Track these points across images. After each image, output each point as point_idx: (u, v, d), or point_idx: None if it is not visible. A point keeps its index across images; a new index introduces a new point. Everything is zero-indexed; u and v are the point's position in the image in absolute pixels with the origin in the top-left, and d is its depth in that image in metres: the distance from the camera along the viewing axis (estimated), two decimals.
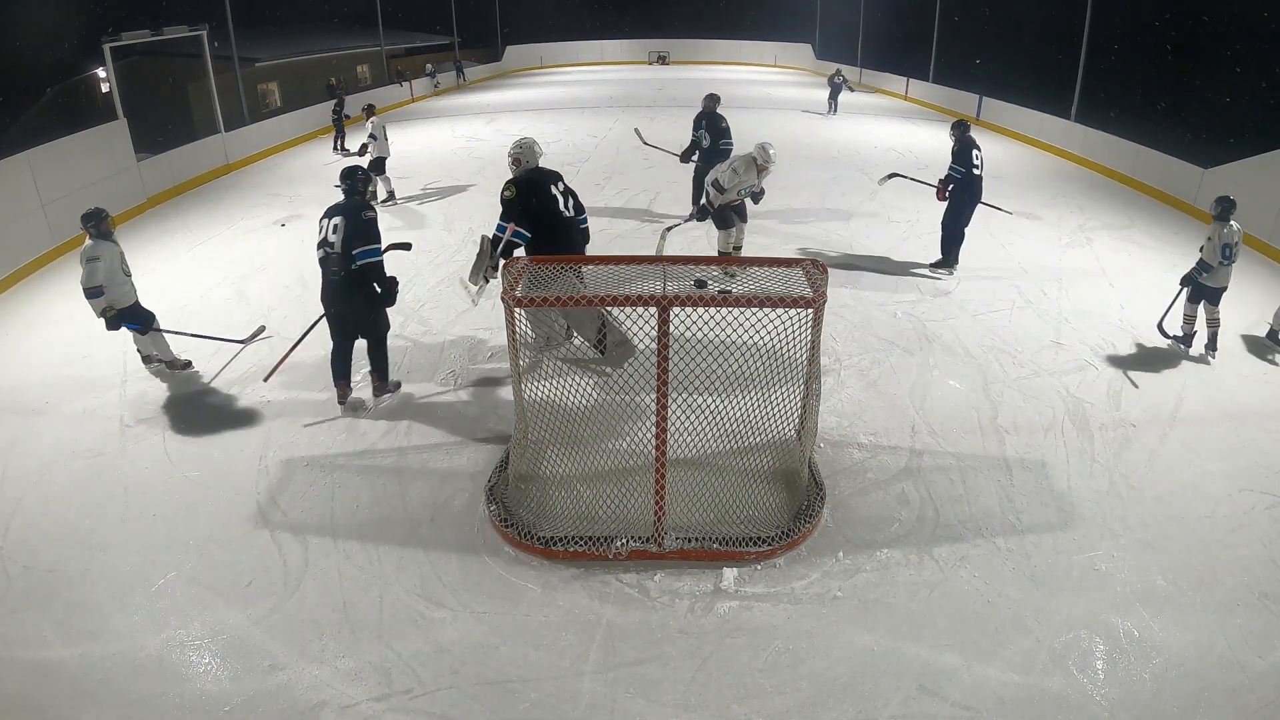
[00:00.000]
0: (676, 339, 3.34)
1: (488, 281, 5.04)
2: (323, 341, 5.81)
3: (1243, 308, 6.58)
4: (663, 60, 30.66)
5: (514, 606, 3.33)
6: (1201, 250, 5.52)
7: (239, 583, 3.48)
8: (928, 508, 3.96)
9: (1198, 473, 4.26)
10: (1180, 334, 5.68)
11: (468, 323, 6.13)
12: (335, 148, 13.41)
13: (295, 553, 3.66)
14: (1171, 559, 3.60)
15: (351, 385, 4.92)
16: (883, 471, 4.26)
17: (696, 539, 3.61)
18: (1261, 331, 6.06)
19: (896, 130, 15.54)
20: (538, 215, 4.91)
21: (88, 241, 4.99)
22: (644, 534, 3.60)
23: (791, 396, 3.89)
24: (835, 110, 17.45)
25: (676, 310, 3.25)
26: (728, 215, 6.59)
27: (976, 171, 6.94)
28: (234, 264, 7.72)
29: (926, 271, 7.23)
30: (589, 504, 3.82)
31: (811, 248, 7.88)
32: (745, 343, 3.43)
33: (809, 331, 3.55)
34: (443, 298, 6.66)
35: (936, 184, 7.27)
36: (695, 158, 8.28)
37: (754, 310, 3.31)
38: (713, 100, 8.23)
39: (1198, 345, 5.62)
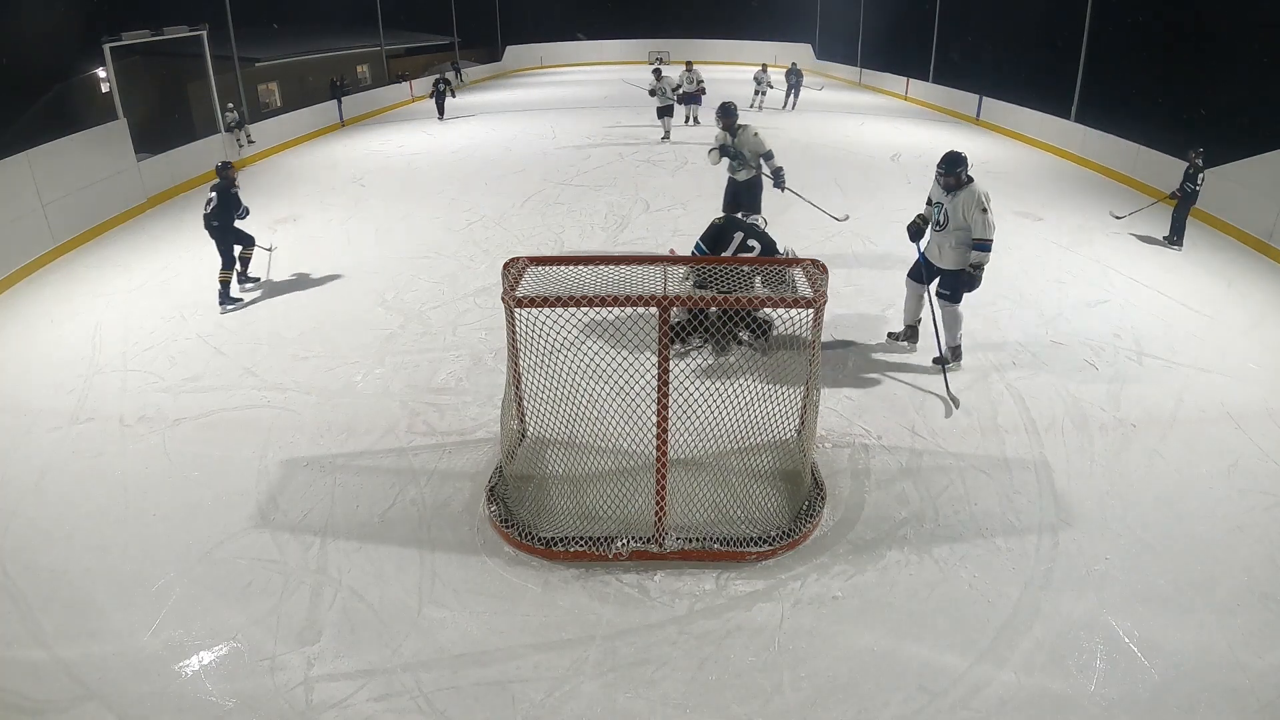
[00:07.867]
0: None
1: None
2: (322, 342, 5.84)
3: (1243, 307, 6.58)
4: (662, 61, 30.63)
5: (514, 606, 3.33)
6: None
7: (239, 583, 3.48)
8: (928, 508, 3.96)
9: (1198, 473, 4.25)
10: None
11: (468, 323, 6.13)
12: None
13: (295, 553, 3.66)
14: (1171, 559, 3.60)
15: None
16: (883, 471, 4.26)
17: (697, 539, 3.60)
18: (1262, 331, 6.06)
19: (896, 130, 15.54)
20: None
21: None
22: (645, 534, 3.59)
23: (792, 397, 3.89)
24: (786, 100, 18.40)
25: (677, 310, 3.25)
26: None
27: None
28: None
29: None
30: (589, 504, 3.81)
31: (811, 247, 7.87)
32: (745, 340, 3.43)
33: (809, 331, 3.55)
34: (444, 297, 6.65)
35: None
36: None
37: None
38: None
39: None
